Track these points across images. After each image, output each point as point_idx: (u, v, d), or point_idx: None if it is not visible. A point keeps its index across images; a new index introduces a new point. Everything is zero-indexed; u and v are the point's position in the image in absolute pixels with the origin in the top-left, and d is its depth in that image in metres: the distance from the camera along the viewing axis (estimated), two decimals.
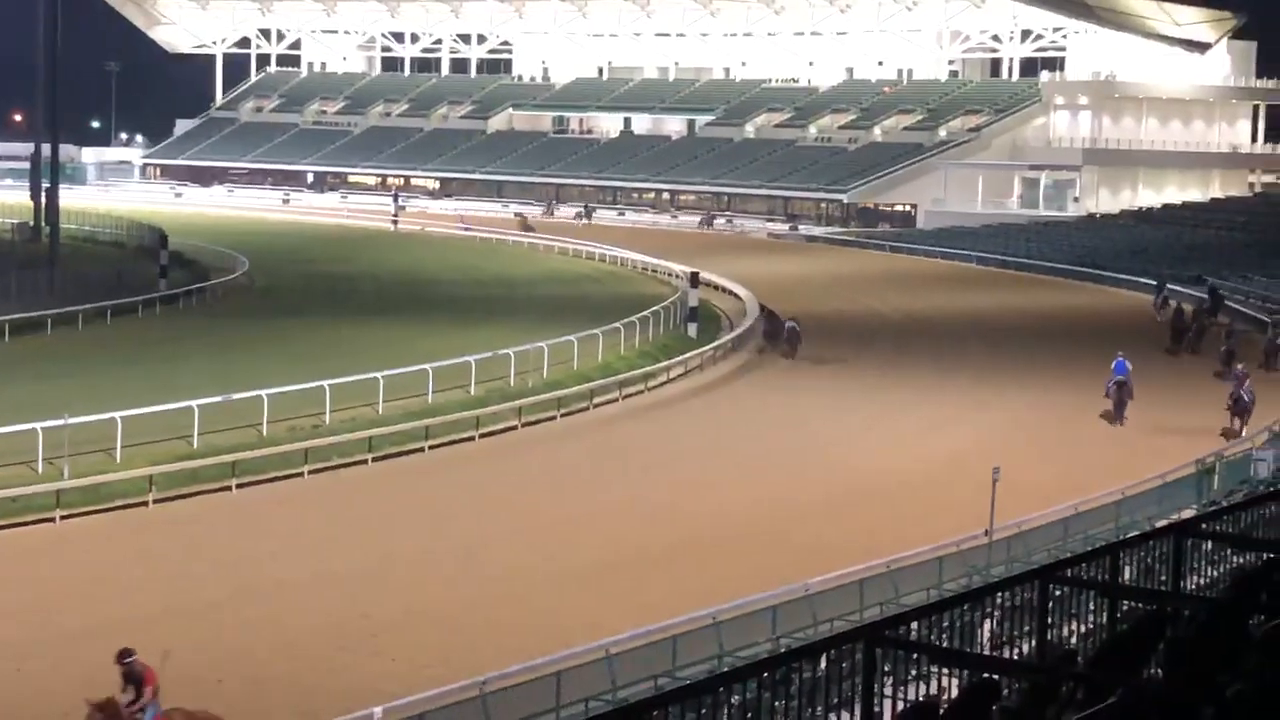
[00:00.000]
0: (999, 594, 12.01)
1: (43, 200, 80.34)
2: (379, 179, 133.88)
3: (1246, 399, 38.38)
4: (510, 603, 24.81)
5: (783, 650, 18.65)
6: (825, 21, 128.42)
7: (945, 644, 11.75)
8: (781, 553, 27.63)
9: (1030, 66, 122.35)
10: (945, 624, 11.92)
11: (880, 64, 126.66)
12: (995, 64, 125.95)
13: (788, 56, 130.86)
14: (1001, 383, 46.81)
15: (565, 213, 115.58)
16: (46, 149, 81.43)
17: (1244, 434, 37.44)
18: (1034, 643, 11.99)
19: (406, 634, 23.18)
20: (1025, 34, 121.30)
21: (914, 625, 10.79)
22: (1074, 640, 12.61)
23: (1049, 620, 11.98)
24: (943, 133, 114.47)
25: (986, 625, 12.97)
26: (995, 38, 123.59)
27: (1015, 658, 12.28)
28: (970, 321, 62.34)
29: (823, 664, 10.65)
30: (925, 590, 21.95)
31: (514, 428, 38.95)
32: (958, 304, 68.02)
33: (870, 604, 21.18)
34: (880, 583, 22.12)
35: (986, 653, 12.47)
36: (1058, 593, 12.50)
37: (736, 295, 65.45)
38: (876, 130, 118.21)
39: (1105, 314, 64.35)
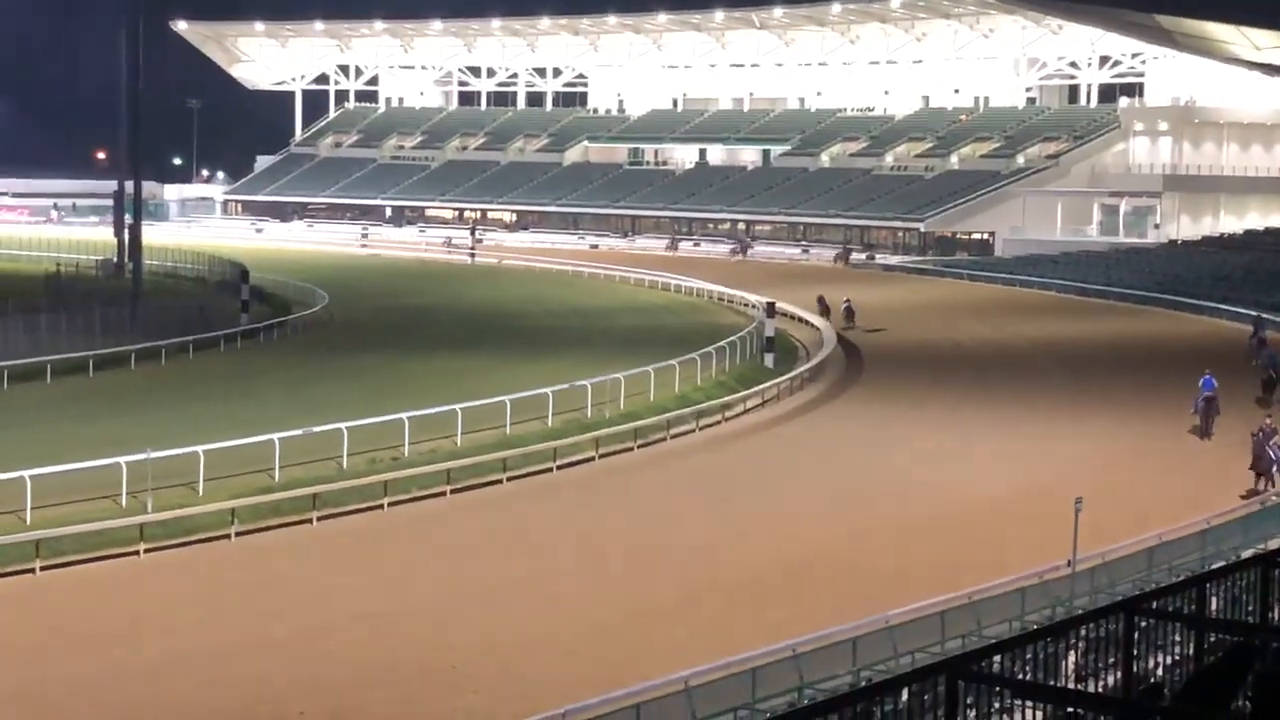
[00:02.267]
0: (1083, 626, 11.87)
1: (126, 236, 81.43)
2: (456, 212, 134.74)
3: (1273, 457, 34.90)
4: (588, 634, 24.79)
5: (864, 683, 18.53)
6: (901, 50, 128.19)
7: (1028, 677, 11.63)
8: (861, 583, 27.47)
9: (1109, 93, 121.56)
10: (1028, 657, 11.79)
11: (957, 92, 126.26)
12: (1073, 90, 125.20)
13: (863, 85, 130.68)
14: (1082, 411, 46.36)
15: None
16: (130, 186, 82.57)
17: (1268, 489, 34.53)
18: (1119, 676, 11.84)
19: (486, 666, 23.20)
20: (1103, 60, 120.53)
21: (997, 658, 10.68)
22: (1160, 673, 12.44)
23: (1134, 653, 11.83)
24: (1021, 160, 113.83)
25: (1070, 658, 12.82)
26: (1073, 64, 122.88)
27: (1100, 691, 12.13)
28: (1050, 350, 61.84)
29: (904, 697, 10.56)
30: (1008, 622, 21.72)
31: (591, 459, 38.98)
32: (1037, 332, 67.50)
33: (952, 636, 20.98)
34: (962, 614, 21.91)
35: (1071, 686, 12.32)
36: (1143, 624, 12.35)
37: (813, 325, 65.28)
38: (953, 158, 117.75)
39: (1187, 341, 63.62)
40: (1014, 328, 68.93)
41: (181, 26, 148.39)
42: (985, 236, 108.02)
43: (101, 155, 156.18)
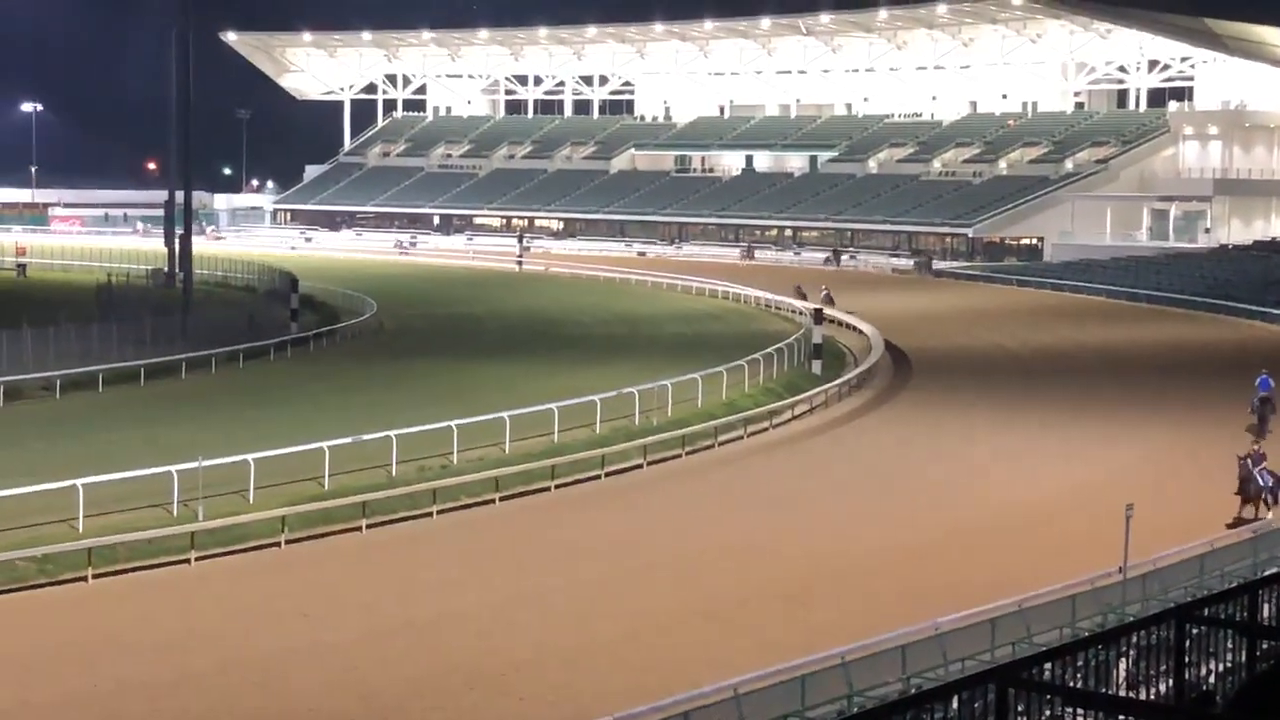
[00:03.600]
0: (1134, 633, 11.80)
1: (176, 246, 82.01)
2: (503, 220, 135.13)
3: (1263, 483, 32.66)
4: (638, 641, 24.79)
5: (913, 691, 18.46)
6: (948, 55, 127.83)
7: (1079, 685, 11.57)
8: (909, 590, 27.37)
9: (1158, 97, 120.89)
10: (1079, 664, 11.73)
11: (1004, 97, 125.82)
12: (1122, 95, 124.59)
13: (910, 91, 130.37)
14: (1132, 417, 46.09)
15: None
16: (180, 196, 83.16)
17: (1268, 517, 32.31)
18: (1170, 683, 11.77)
19: (535, 673, 23.24)
20: (1152, 64, 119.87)
21: (1047, 666, 10.64)
22: (1212, 680, 12.36)
23: (1186, 660, 11.76)
24: (1069, 165, 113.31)
25: (1122, 665, 12.75)
26: (1121, 69, 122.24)
27: (1151, 699, 12.06)
28: (1099, 355, 61.52)
29: (954, 705, 10.53)
30: (1058, 629, 21.59)
31: (639, 466, 38.99)
32: (1086, 338, 67.17)
33: (1002, 643, 20.86)
34: (1011, 621, 21.78)
35: (1122, 694, 12.26)
36: (1195, 632, 12.27)
37: (860, 331, 65.14)
38: (1001, 163, 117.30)
39: (1237, 346, 63.15)
40: (1063, 333, 68.60)
41: (231, 38, 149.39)
42: (1034, 242, 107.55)
43: (152, 166, 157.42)
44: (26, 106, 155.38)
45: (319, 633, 25.06)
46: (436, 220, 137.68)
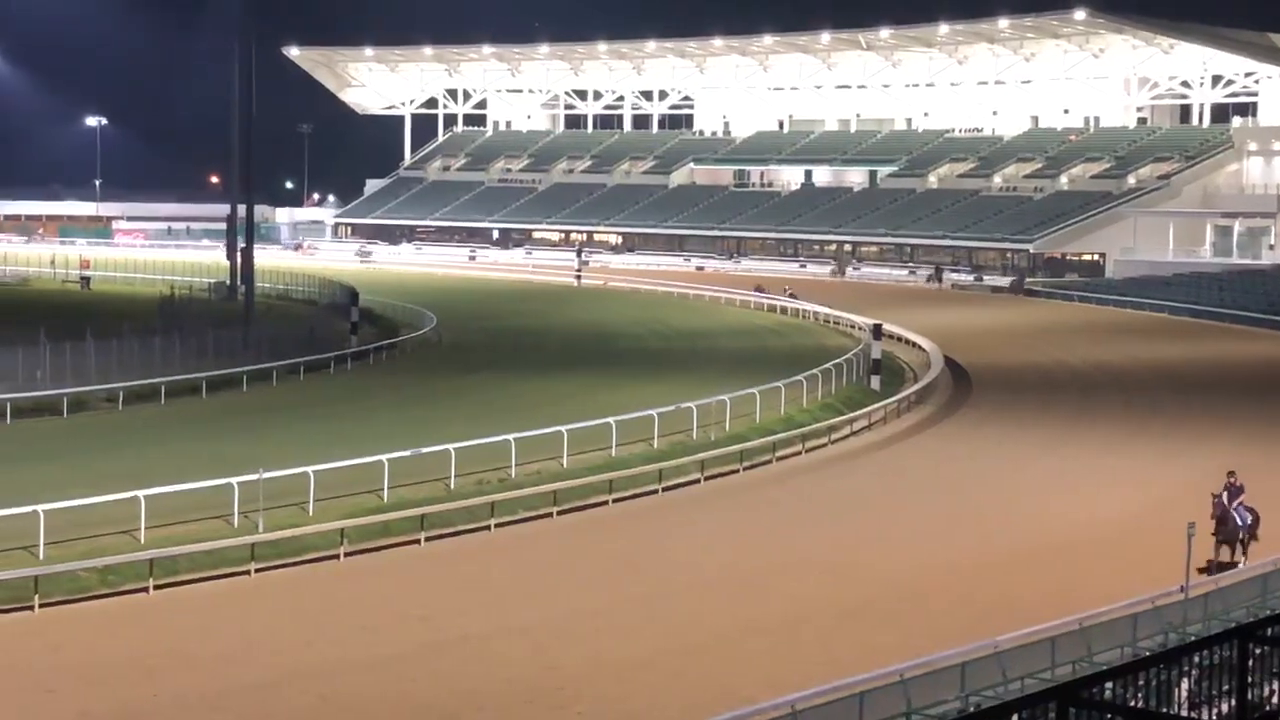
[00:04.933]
0: (1196, 653, 11.69)
1: (238, 260, 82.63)
2: (562, 235, 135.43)
3: (1240, 521, 29.63)
4: (694, 657, 24.75)
5: (972, 709, 18.35)
6: (1009, 70, 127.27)
7: (1141, 705, 11.48)
8: (969, 608, 27.22)
9: (1221, 112, 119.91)
10: (1140, 684, 11.64)
11: (1066, 112, 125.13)
12: (1185, 110, 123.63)
13: (971, 106, 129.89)
14: (1193, 435, 45.69)
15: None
16: (242, 209, 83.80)
17: (1242, 563, 29.00)
18: (1233, 703, 11.66)
19: (592, 687, 23.24)
20: (1216, 79, 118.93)
21: (1109, 685, 10.55)
22: (1275, 700, 12.23)
23: (1249, 680, 11.64)
24: (1131, 180, 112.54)
25: (1183, 685, 12.63)
26: (1185, 84, 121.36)
27: (1214, 719, 11.94)
28: (1161, 372, 61.03)
29: None
30: (1119, 648, 21.42)
31: (696, 481, 38.96)
32: (1148, 354, 66.64)
33: (1062, 662, 20.72)
34: (1072, 640, 21.63)
35: (1184, 713, 12.15)
36: (1258, 651, 12.15)
37: (920, 347, 64.89)
38: (1063, 179, 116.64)
39: None
40: (1125, 350, 68.09)
41: (293, 52, 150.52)
42: (1096, 258, 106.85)
43: (215, 179, 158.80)
44: (91, 121, 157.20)
45: (377, 645, 25.16)
46: (495, 234, 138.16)
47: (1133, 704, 11.53)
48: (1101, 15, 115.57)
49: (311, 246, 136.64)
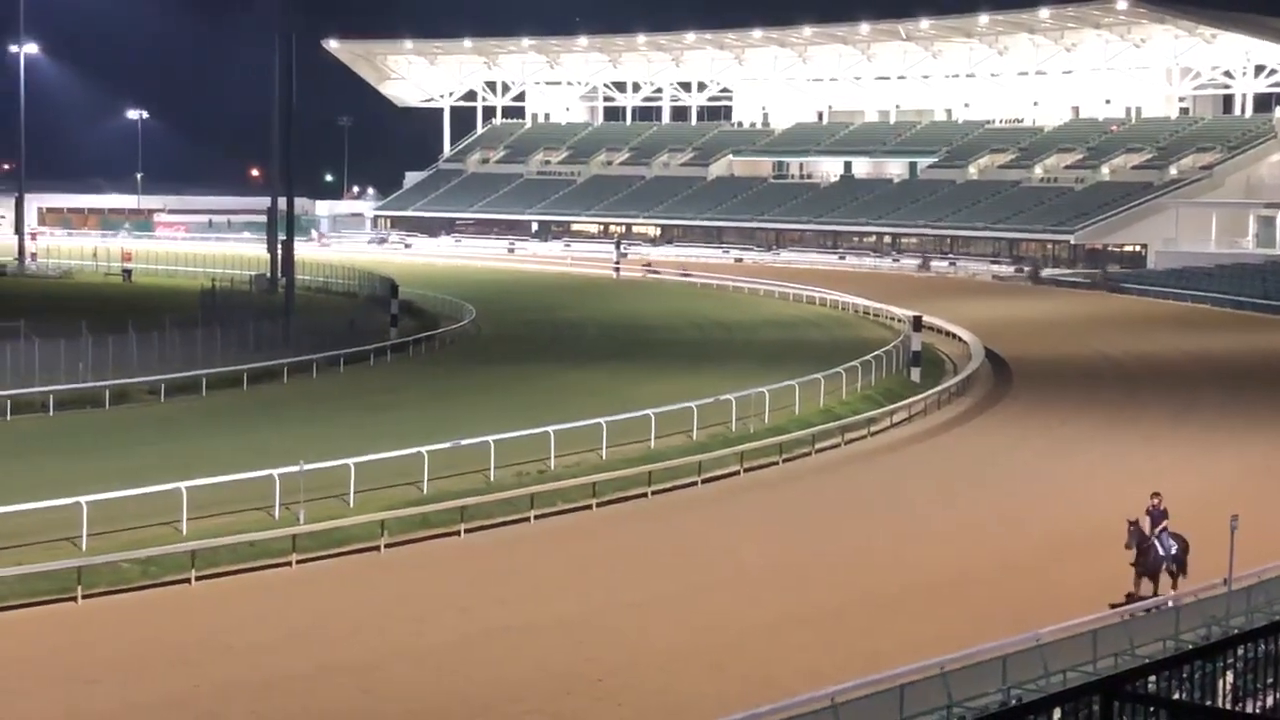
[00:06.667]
0: (1240, 646, 11.61)
1: (279, 252, 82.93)
2: (601, 227, 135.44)
3: (1161, 552, 26.21)
4: (734, 649, 24.73)
5: (1014, 702, 18.27)
6: (1050, 61, 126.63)
7: (1184, 698, 11.40)
8: (1009, 600, 27.11)
9: (1264, 102, 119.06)
10: (1183, 677, 11.57)
11: (1107, 102, 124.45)
12: (1227, 100, 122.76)
13: (1011, 97, 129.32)
14: (1236, 427, 45.40)
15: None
16: (282, 202, 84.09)
17: (1167, 595, 25.71)
18: (1277, 696, 11.57)
19: (631, 679, 23.24)
20: (1259, 69, 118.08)
21: (1152, 678, 10.48)
22: None
23: None
24: (1173, 171, 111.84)
25: (1227, 678, 12.55)
26: (1227, 74, 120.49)
27: (1258, 712, 11.86)
28: (1203, 364, 60.65)
29: (1056, 717, 10.40)
30: (1161, 641, 21.30)
31: (736, 473, 38.91)
32: (1190, 346, 66.23)
33: (1104, 655, 20.62)
34: (1114, 633, 21.52)
35: (1228, 707, 12.07)
36: None
37: (960, 339, 64.65)
38: (1104, 169, 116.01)
39: None
40: (1166, 341, 67.71)
41: (333, 45, 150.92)
42: (1137, 249, 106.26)
43: (255, 173, 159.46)
44: (132, 114, 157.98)
45: (417, 636, 25.23)
46: (534, 226, 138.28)
47: (1176, 697, 11.45)
48: (1143, 5, 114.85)
49: (325, 239, 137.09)
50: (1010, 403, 50.90)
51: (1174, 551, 26.13)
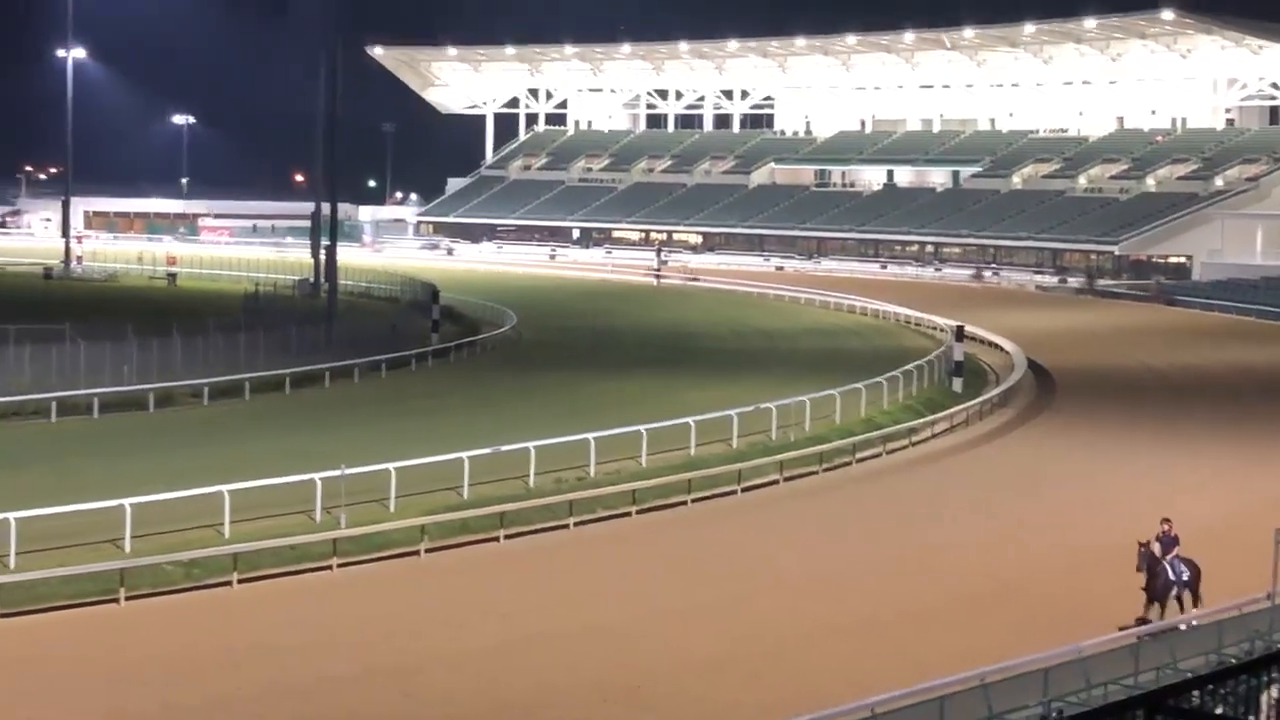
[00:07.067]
0: None
1: (322, 257, 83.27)
2: (642, 234, 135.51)
3: (1171, 576, 25.59)
4: (771, 658, 24.68)
5: (1055, 715, 18.19)
6: (1095, 70, 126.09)
7: (1227, 713, 11.34)
8: (1050, 612, 26.97)
9: None
10: (1227, 691, 11.50)
11: (1153, 113, 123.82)
12: (1274, 111, 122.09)
13: (1056, 106, 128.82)
14: None
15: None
16: (326, 208, 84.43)
17: (1180, 619, 24.84)
18: None
19: (669, 687, 23.22)
20: None
21: (1195, 693, 10.43)
22: None
23: None
24: (1219, 182, 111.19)
25: (1271, 692, 12.47)
26: (1274, 85, 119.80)
27: None
28: (1249, 377, 60.26)
29: None
30: (1204, 655, 21.16)
31: (775, 482, 38.85)
32: (1236, 359, 65.82)
33: (1146, 669, 20.50)
34: (1156, 647, 21.41)
35: None
36: None
37: (1002, 349, 64.39)
38: (1149, 180, 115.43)
39: None
40: (1212, 354, 67.30)
41: (377, 52, 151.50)
42: (1182, 260, 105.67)
43: (299, 178, 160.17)
44: (178, 119, 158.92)
45: (457, 641, 25.28)
46: (576, 233, 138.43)
47: (1219, 712, 11.39)
48: (1190, 15, 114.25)
49: (377, 244, 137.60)
50: (1052, 414, 50.67)
51: (1185, 577, 25.50)
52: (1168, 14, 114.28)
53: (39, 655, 24.33)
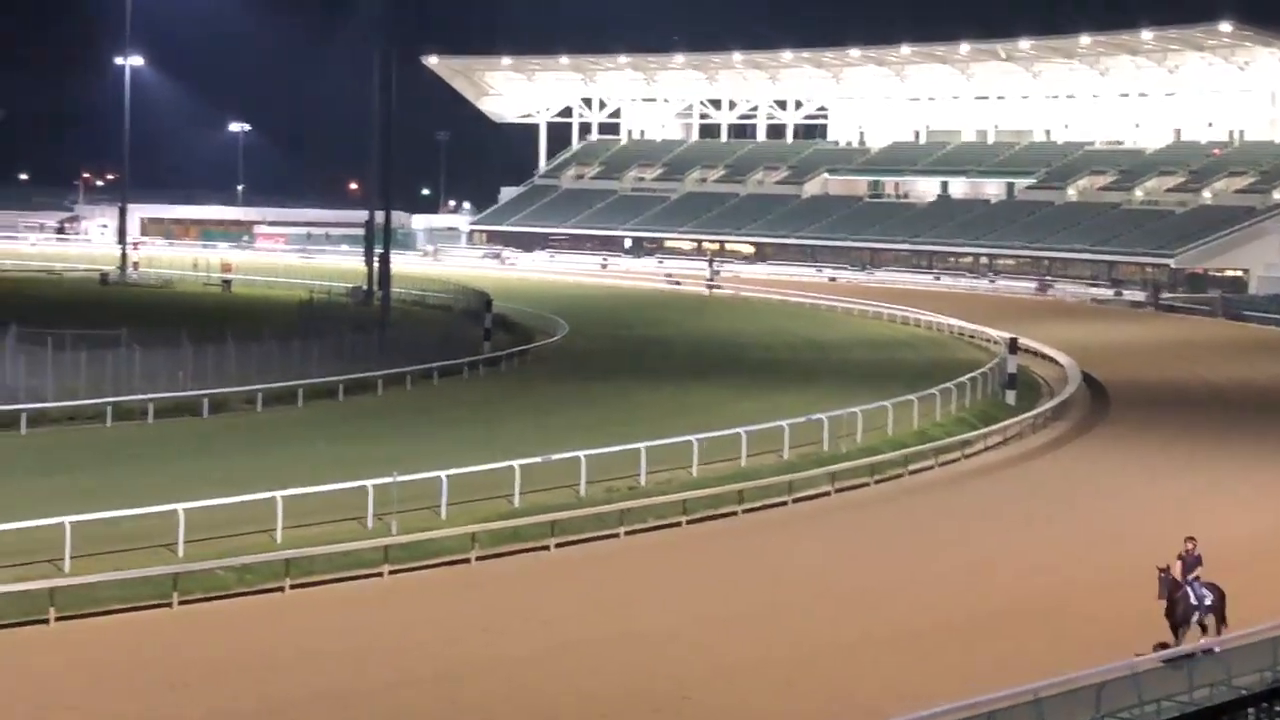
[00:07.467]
0: None
1: (375, 265, 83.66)
2: (695, 244, 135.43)
3: (1194, 600, 24.16)
4: (819, 669, 24.61)
5: None
6: (1152, 82, 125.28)
7: None
8: (1103, 627, 26.75)
9: None
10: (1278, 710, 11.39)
11: (1210, 125, 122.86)
12: None
13: (1112, 118, 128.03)
14: None
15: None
16: (380, 216, 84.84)
17: (1214, 646, 23.24)
18: None
19: (718, 696, 23.18)
20: None
21: (1250, 711, 10.33)
22: None
23: None
24: (1277, 195, 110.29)
25: None
26: None
27: None
28: None
29: None
30: (1259, 673, 20.95)
31: (827, 493, 38.74)
32: None
33: (1200, 685, 20.32)
34: (1211, 664, 21.21)
35: None
36: None
37: (1056, 362, 64.02)
38: (1206, 193, 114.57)
39: None
40: (1270, 368, 66.68)
41: (432, 61, 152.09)
42: (1239, 274, 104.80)
43: (354, 186, 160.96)
44: (235, 127, 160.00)
45: (507, 648, 25.32)
46: (628, 243, 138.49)
47: None
48: (1248, 27, 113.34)
49: (439, 253, 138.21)
50: (1107, 428, 50.34)
51: (1208, 601, 24.17)
52: (1226, 26, 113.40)
53: (93, 659, 24.52)
